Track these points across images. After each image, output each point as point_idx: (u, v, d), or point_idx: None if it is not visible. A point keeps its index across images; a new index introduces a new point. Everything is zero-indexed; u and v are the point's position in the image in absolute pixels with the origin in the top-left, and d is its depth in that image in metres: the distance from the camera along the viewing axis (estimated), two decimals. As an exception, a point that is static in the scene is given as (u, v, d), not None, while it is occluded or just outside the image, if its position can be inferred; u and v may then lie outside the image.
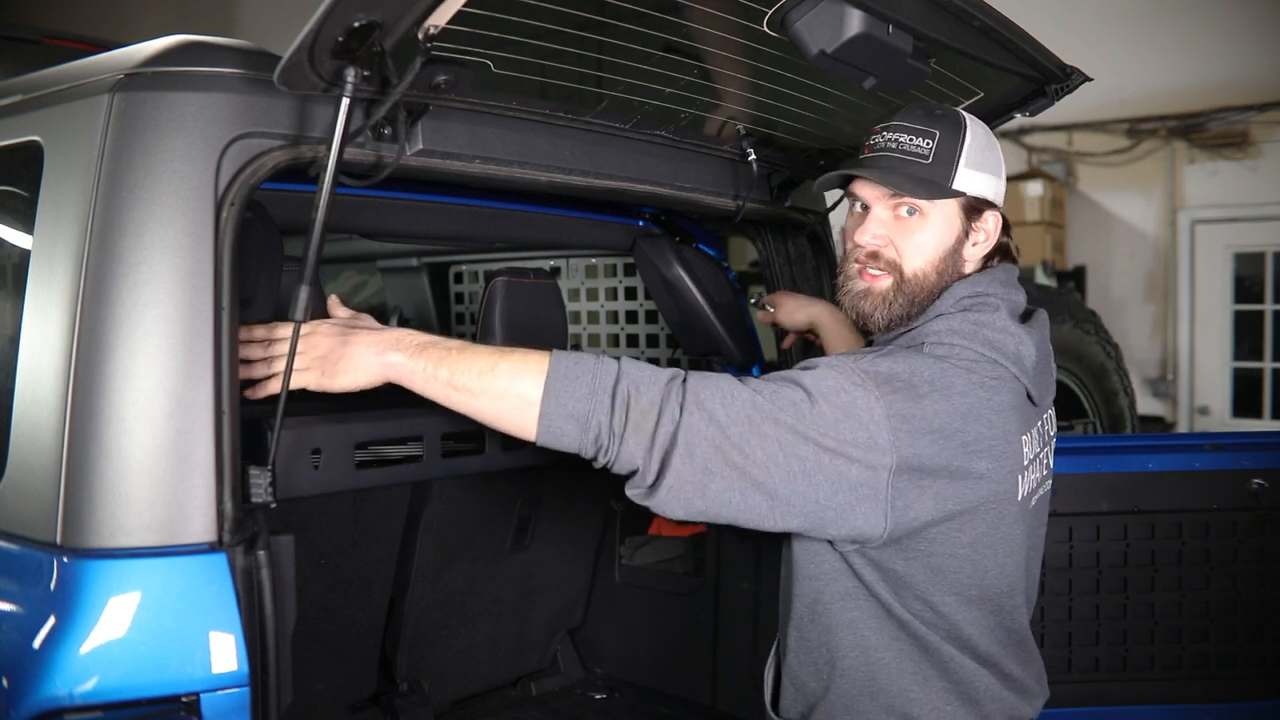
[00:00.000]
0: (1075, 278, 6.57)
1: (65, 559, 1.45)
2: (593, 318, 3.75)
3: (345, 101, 1.41)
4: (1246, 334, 6.40)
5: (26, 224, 1.61)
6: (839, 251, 3.07)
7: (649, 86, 1.90)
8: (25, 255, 1.61)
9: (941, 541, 1.56)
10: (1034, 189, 6.23)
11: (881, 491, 1.48)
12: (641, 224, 2.93)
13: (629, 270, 3.55)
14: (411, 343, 1.51)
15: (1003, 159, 1.71)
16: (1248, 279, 6.40)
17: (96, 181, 1.49)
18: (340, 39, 1.34)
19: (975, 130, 1.66)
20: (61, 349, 1.49)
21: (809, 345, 2.57)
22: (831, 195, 2.55)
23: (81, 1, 9.44)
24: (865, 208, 1.69)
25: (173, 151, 1.49)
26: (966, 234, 1.67)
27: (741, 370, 2.95)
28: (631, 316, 3.65)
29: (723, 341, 2.89)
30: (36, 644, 1.43)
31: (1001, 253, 1.73)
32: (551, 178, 1.96)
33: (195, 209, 1.49)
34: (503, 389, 1.44)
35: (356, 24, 1.33)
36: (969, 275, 1.69)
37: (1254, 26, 6.09)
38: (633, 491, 1.47)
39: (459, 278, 4.02)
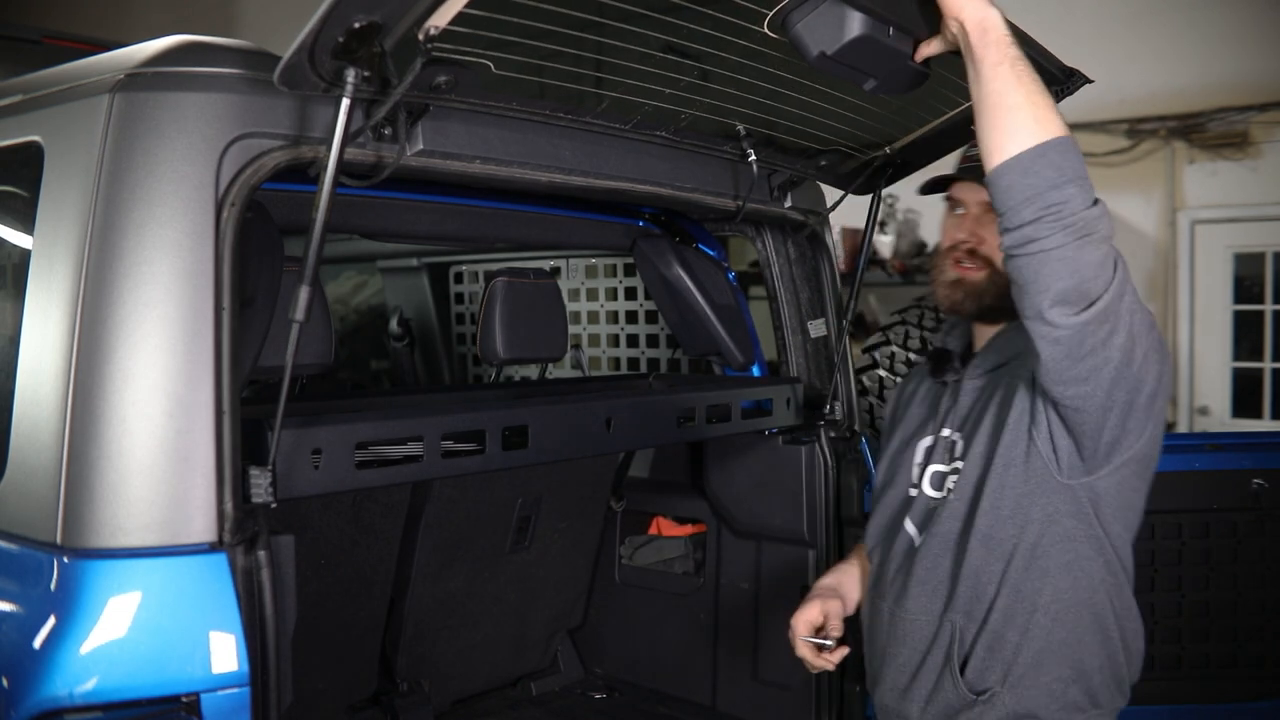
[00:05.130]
0: (1075, 278, 6.55)
1: (65, 559, 1.46)
2: (593, 318, 3.75)
3: (345, 102, 1.42)
4: (1246, 334, 6.37)
5: (27, 224, 1.61)
6: (837, 253, 3.07)
7: (649, 87, 1.90)
8: (25, 255, 1.61)
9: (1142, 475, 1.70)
10: (1034, 189, 6.21)
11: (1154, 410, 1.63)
12: (641, 224, 2.93)
13: (629, 270, 3.55)
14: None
15: None
16: (1248, 279, 6.38)
17: (97, 182, 1.49)
18: (341, 39, 1.34)
19: None
20: (62, 349, 1.49)
21: None
22: (832, 194, 2.57)
23: (82, 2, 9.44)
24: (964, 210, 1.83)
25: (173, 152, 1.49)
26: None
27: (741, 370, 2.95)
28: (631, 316, 3.65)
29: (722, 341, 2.88)
30: (36, 644, 1.43)
31: None
32: (551, 178, 1.96)
33: (196, 209, 1.49)
34: (1036, 102, 1.53)
35: (357, 24, 1.33)
36: None
37: (1254, 26, 6.07)
38: (1061, 310, 1.48)
39: (459, 278, 4.02)
